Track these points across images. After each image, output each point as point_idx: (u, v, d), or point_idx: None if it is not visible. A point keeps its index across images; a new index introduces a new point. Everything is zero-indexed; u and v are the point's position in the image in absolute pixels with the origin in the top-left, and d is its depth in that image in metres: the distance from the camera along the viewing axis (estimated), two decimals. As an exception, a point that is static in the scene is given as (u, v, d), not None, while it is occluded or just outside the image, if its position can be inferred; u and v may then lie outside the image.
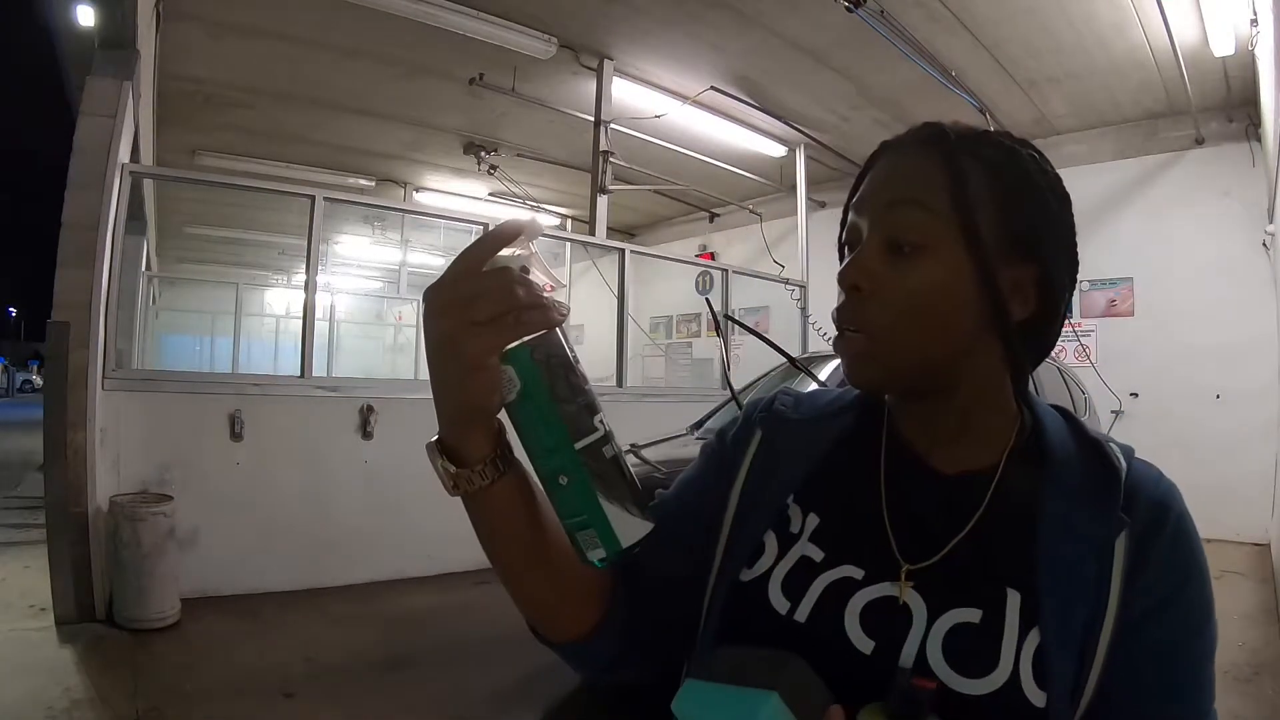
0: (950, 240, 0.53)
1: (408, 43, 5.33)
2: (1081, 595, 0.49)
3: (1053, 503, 0.53)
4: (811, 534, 0.58)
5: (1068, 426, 0.60)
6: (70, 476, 3.32)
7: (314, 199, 4.27)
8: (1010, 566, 0.51)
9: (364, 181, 8.49)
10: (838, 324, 0.57)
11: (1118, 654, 0.48)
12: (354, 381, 4.98)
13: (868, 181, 0.58)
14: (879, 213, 0.56)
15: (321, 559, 4.12)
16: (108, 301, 3.57)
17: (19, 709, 2.50)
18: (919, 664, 0.49)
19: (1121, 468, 0.54)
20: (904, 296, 0.53)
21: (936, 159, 0.55)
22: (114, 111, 3.58)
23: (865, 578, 0.54)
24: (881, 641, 0.51)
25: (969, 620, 0.50)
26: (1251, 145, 5.67)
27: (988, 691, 0.47)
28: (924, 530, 0.55)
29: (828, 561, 0.56)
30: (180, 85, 6.01)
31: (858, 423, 0.64)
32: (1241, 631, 3.60)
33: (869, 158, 0.60)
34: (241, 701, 2.68)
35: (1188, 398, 5.92)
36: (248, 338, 11.06)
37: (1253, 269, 5.58)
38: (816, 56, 5.50)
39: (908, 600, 0.52)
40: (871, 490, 0.58)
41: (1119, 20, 4.79)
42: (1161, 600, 0.50)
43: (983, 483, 0.56)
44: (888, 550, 0.55)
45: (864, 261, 0.55)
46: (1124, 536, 0.51)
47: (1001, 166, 0.55)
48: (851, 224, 0.59)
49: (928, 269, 0.53)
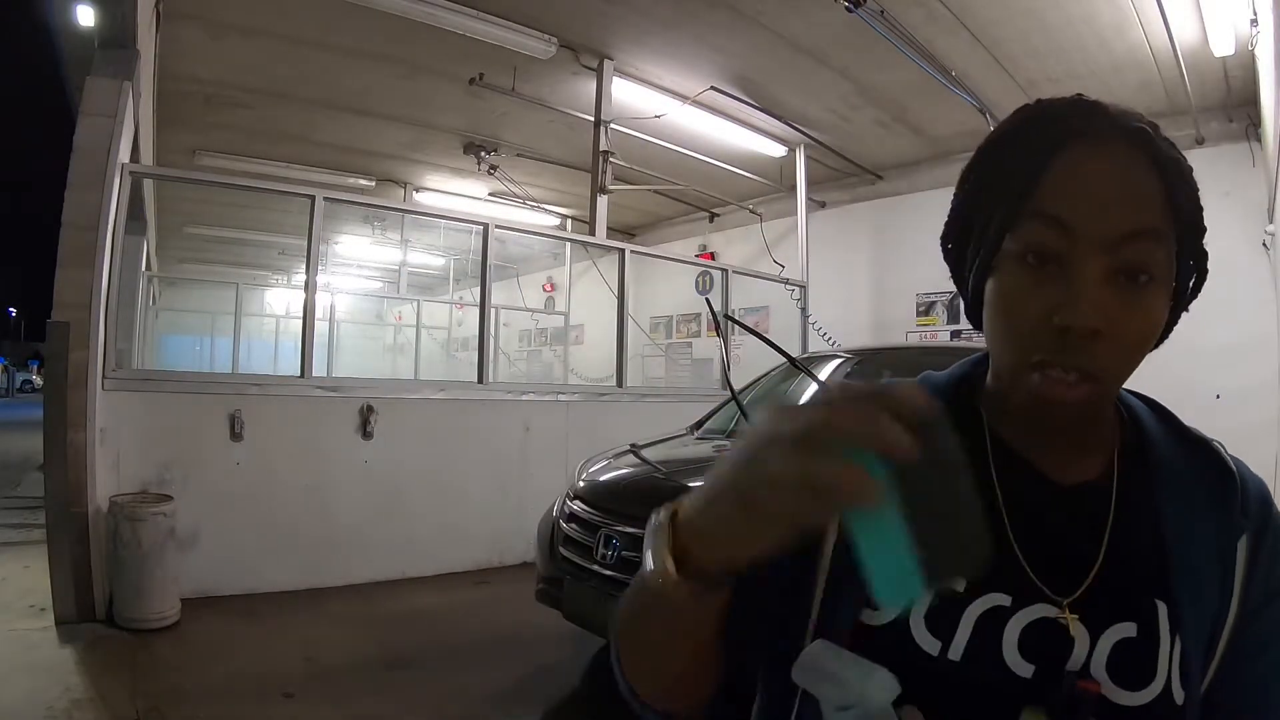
0: (1168, 264, 0.50)
1: (408, 43, 5.33)
2: (1211, 598, 0.51)
3: (1174, 509, 0.53)
4: None
5: (1160, 420, 0.59)
6: (70, 476, 3.32)
7: (314, 199, 4.28)
8: (1150, 577, 0.51)
9: (364, 181, 8.49)
10: (1049, 363, 0.48)
11: (1236, 645, 0.51)
12: (354, 381, 4.98)
13: (1077, 190, 0.48)
14: (1112, 240, 0.47)
15: (321, 559, 4.12)
16: (108, 301, 3.57)
17: (19, 709, 2.50)
18: (1084, 673, 0.48)
19: (1236, 471, 0.55)
20: (1137, 335, 0.49)
21: (1149, 165, 0.49)
22: (114, 111, 3.58)
23: (1014, 603, 0.50)
24: (1042, 664, 0.49)
25: (1128, 635, 0.49)
26: (1251, 145, 5.67)
27: (1146, 702, 0.48)
28: (1057, 548, 0.52)
29: (971, 592, 0.50)
30: (180, 85, 6.00)
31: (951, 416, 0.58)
32: (1241, 631, 3.60)
33: (1037, 140, 0.50)
34: (241, 701, 2.68)
35: (1188, 398, 5.88)
36: (248, 338, 11.06)
37: (1253, 269, 5.57)
38: (816, 56, 5.49)
39: (1069, 623, 0.50)
40: (989, 505, 0.52)
41: (1119, 20, 4.79)
42: (1273, 592, 0.52)
43: (1102, 491, 0.54)
44: (1026, 573, 0.51)
45: (1100, 298, 0.47)
46: (1244, 539, 0.52)
47: (1183, 168, 0.51)
48: (1051, 238, 0.48)
49: (1158, 301, 0.49)
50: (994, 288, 0.52)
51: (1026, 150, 0.51)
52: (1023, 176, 0.50)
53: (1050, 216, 0.48)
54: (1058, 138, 0.50)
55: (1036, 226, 0.49)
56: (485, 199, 8.92)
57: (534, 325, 11.40)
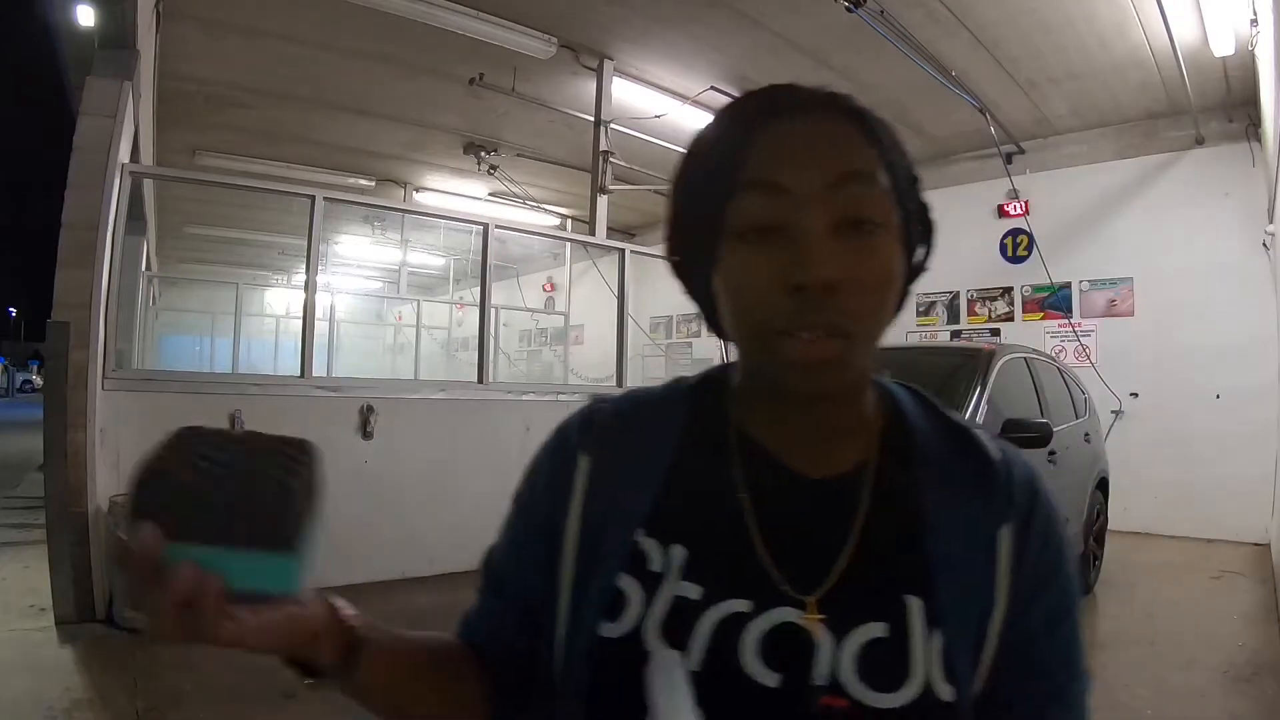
0: (892, 214, 0.49)
1: (408, 43, 5.33)
2: (974, 590, 0.49)
3: (934, 501, 0.51)
4: (682, 570, 0.50)
5: (924, 409, 0.57)
6: (70, 476, 3.32)
7: (314, 199, 4.27)
8: (904, 572, 0.49)
9: (364, 181, 8.50)
10: (793, 328, 0.46)
11: (1009, 636, 0.49)
12: (354, 381, 4.98)
13: (783, 152, 0.48)
14: (825, 189, 0.47)
15: (321, 559, 4.10)
16: (108, 301, 3.58)
17: (19, 709, 2.50)
18: (832, 686, 0.46)
19: (996, 458, 0.53)
20: (875, 283, 0.48)
21: (855, 125, 0.49)
22: (114, 111, 3.58)
23: (755, 608, 0.48)
24: (788, 673, 0.47)
25: (877, 635, 0.47)
26: (1251, 145, 5.67)
27: (905, 702, 0.46)
28: (804, 547, 0.50)
29: (708, 598, 0.49)
30: (180, 85, 6.01)
31: (694, 421, 0.56)
32: (1241, 631, 3.60)
33: (739, 123, 0.50)
34: (242, 701, 2.68)
35: (1188, 398, 5.92)
36: (248, 338, 11.05)
37: (1253, 269, 5.58)
38: (816, 56, 5.50)
39: (810, 627, 0.48)
40: (733, 506, 0.51)
41: (1119, 20, 4.79)
42: (1041, 582, 0.51)
43: (855, 485, 0.52)
44: (769, 575, 0.49)
45: (829, 250, 0.46)
46: (1006, 528, 0.51)
47: (883, 121, 0.51)
48: (768, 204, 0.47)
49: (889, 248, 0.48)
50: (722, 276, 0.49)
51: (730, 134, 0.50)
52: (728, 156, 0.49)
53: (762, 181, 0.47)
54: (758, 115, 0.50)
55: (751, 196, 0.48)
56: (485, 199, 8.92)
57: (534, 325, 11.41)
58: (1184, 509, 5.82)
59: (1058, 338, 6.70)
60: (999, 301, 7.14)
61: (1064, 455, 3.63)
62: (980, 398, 3.11)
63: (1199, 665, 3.17)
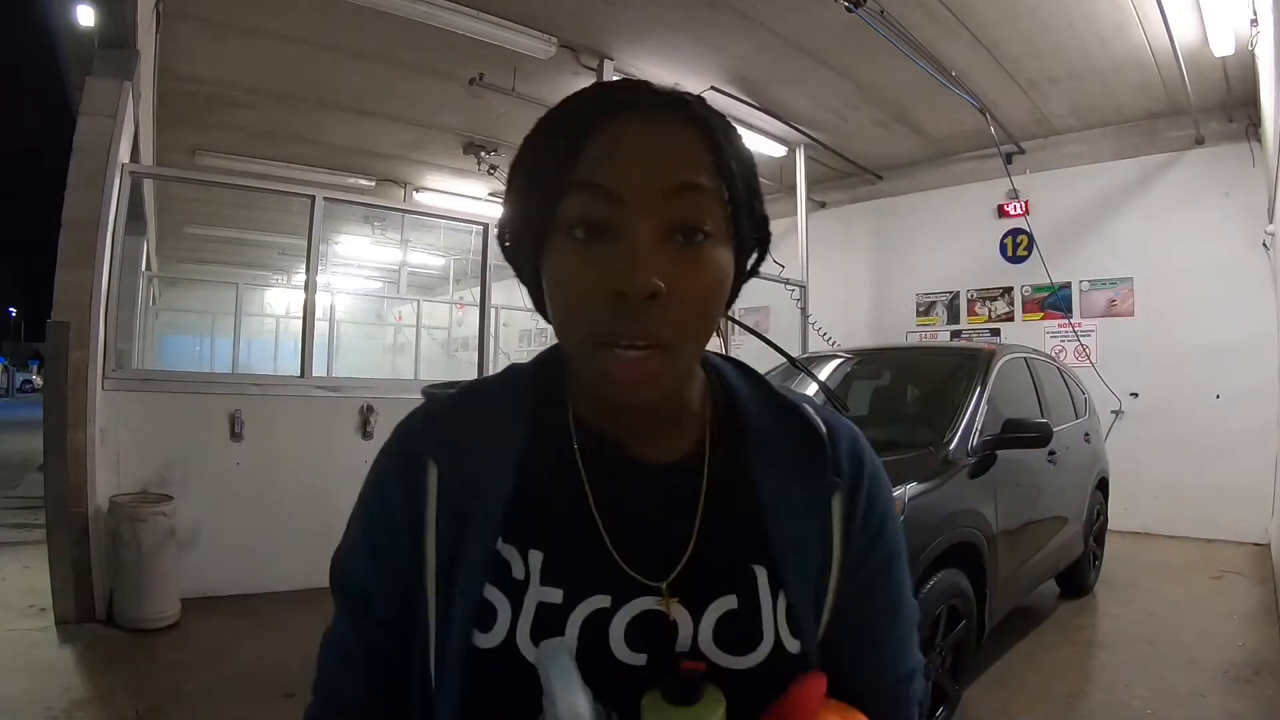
0: (724, 222, 0.49)
1: (408, 43, 5.33)
2: (811, 554, 0.54)
3: (767, 477, 0.54)
4: (541, 576, 0.51)
5: (752, 386, 0.59)
6: (70, 476, 3.32)
7: (314, 199, 4.27)
8: (747, 545, 0.53)
9: (364, 181, 8.49)
10: (610, 339, 0.46)
11: (847, 587, 0.55)
12: (354, 381, 4.98)
13: (618, 155, 0.47)
14: (659, 198, 0.46)
15: (322, 559, 4.00)
16: (108, 301, 3.57)
17: (19, 709, 2.50)
18: (693, 653, 0.50)
19: (824, 431, 0.56)
20: (701, 293, 0.47)
21: (698, 132, 0.49)
22: (114, 111, 3.58)
23: (614, 602, 0.50)
24: (653, 652, 0.50)
25: (730, 608, 0.51)
26: (1251, 145, 5.67)
27: (758, 661, 0.50)
28: (652, 534, 0.52)
29: (570, 600, 0.50)
30: (180, 85, 6.00)
31: (536, 413, 0.56)
32: (1241, 631, 3.60)
33: (580, 116, 0.49)
34: (241, 701, 2.68)
35: (1188, 398, 5.92)
36: (248, 338, 11.06)
37: (1253, 269, 5.58)
38: (816, 56, 5.49)
39: (672, 612, 0.50)
40: (581, 503, 0.53)
41: (1119, 20, 4.79)
42: (872, 538, 0.56)
43: (693, 470, 0.54)
44: (622, 570, 0.51)
45: (654, 259, 0.45)
46: (837, 495, 0.55)
47: (730, 130, 0.51)
48: (597, 207, 0.47)
49: (719, 257, 0.49)
50: (548, 269, 0.49)
51: (570, 126, 0.49)
52: (565, 150, 0.48)
53: (594, 185, 0.47)
54: (599, 111, 0.49)
55: (582, 197, 0.47)
56: (485, 199, 8.92)
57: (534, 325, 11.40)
58: (1184, 509, 5.82)
59: (1058, 338, 6.70)
60: (999, 301, 7.14)
61: (1064, 455, 3.63)
62: (980, 398, 3.11)
63: (1199, 665, 3.17)
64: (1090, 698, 2.90)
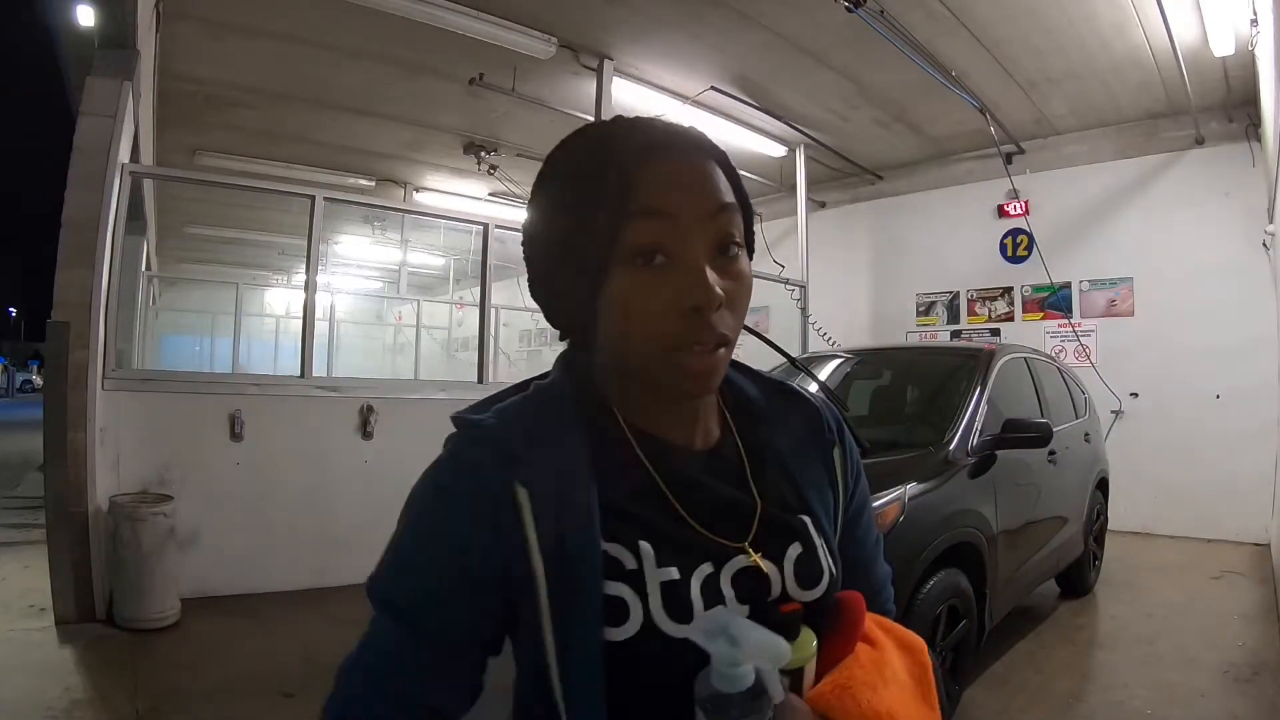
0: (743, 234, 0.61)
1: (408, 43, 5.32)
2: (828, 498, 0.68)
3: (785, 445, 0.67)
4: (657, 561, 0.56)
5: (748, 376, 0.72)
6: (70, 476, 3.32)
7: (314, 199, 4.28)
8: (792, 501, 0.65)
9: (364, 181, 8.49)
10: (705, 342, 0.56)
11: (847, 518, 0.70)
12: (354, 381, 4.98)
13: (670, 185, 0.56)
14: (706, 218, 0.57)
15: (322, 559, 4.12)
16: (108, 301, 3.57)
17: (19, 709, 2.51)
18: (782, 598, 0.60)
19: (816, 403, 0.71)
20: (743, 298, 0.59)
21: (716, 161, 0.60)
22: (114, 111, 3.58)
23: (714, 566, 0.59)
24: (753, 600, 0.59)
25: (798, 553, 0.62)
26: (1251, 145, 5.67)
27: (824, 589, 0.62)
28: (720, 507, 0.61)
29: (685, 572, 0.57)
30: (180, 85, 6.00)
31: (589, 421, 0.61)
32: (1241, 631, 3.60)
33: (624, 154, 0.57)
34: (241, 701, 2.68)
35: (1188, 398, 5.92)
36: (248, 338, 11.06)
37: (1253, 269, 5.58)
38: (816, 56, 5.49)
39: (760, 565, 0.60)
40: (655, 489, 0.60)
41: (1119, 20, 4.78)
42: (857, 477, 0.72)
43: (732, 448, 0.66)
44: (707, 537, 0.60)
45: (714, 274, 0.56)
46: (836, 449, 0.70)
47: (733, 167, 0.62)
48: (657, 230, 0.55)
49: (746, 266, 0.61)
50: (614, 295, 0.56)
51: (618, 164, 0.56)
52: (617, 185, 0.55)
53: (654, 211, 0.55)
54: (645, 150, 0.57)
55: (642, 223, 0.55)
56: (485, 199, 8.92)
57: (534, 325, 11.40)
58: (1184, 509, 5.82)
59: (1058, 338, 6.71)
60: (999, 301, 7.14)
61: (1064, 455, 3.63)
62: (980, 398, 3.11)
63: (1199, 665, 3.17)
64: (1090, 698, 2.90)
